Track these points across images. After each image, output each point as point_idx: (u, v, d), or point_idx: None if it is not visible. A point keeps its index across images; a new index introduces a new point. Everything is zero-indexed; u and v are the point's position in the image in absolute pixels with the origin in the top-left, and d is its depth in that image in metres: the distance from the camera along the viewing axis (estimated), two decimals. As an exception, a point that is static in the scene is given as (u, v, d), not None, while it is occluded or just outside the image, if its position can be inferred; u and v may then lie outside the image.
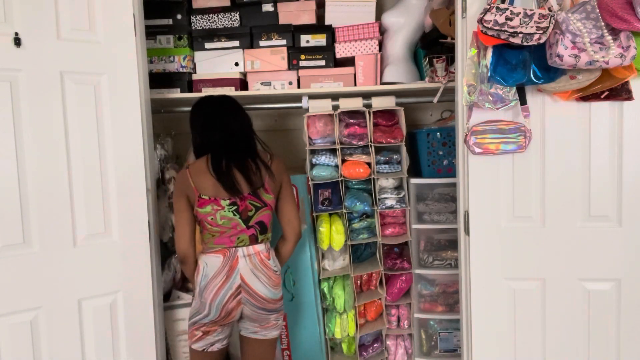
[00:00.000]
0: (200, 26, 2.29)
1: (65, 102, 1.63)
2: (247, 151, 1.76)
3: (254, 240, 1.72)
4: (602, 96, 1.53)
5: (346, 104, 2.21)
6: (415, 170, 2.38)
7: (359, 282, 2.34)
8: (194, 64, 2.31)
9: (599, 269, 1.62)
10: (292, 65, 2.29)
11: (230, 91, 2.24)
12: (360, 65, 2.25)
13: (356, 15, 2.26)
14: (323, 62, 2.29)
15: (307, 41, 2.28)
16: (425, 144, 2.22)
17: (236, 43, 2.28)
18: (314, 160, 2.26)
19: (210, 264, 1.70)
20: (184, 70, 2.27)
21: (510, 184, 1.63)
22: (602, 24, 1.31)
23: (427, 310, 2.31)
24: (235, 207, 1.69)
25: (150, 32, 2.18)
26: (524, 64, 1.44)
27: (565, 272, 1.63)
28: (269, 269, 1.73)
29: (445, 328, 2.32)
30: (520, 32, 1.35)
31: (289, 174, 1.86)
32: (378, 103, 2.21)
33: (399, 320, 2.36)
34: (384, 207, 2.23)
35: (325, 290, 2.27)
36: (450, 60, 2.10)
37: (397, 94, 2.27)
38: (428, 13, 2.13)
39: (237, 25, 2.30)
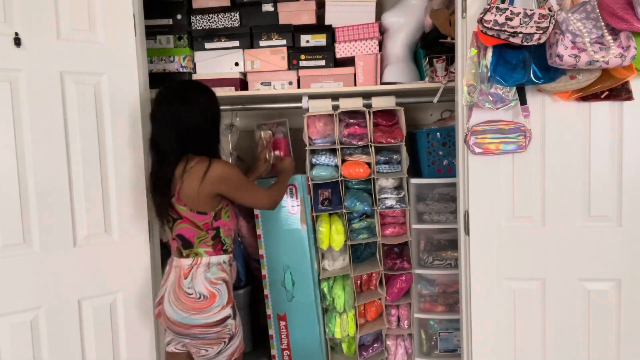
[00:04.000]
0: (200, 26, 2.29)
1: (65, 102, 1.63)
2: (170, 153, 1.58)
3: (179, 253, 1.63)
4: (602, 96, 1.53)
5: (346, 104, 2.21)
6: (415, 170, 2.38)
7: (359, 282, 2.34)
8: (194, 64, 2.31)
9: (599, 269, 1.62)
10: (292, 65, 2.29)
11: (230, 91, 2.24)
12: (360, 65, 2.25)
13: (356, 15, 2.26)
14: (323, 62, 2.29)
15: (307, 41, 2.28)
16: (425, 144, 2.22)
17: (236, 43, 2.28)
18: (314, 160, 2.26)
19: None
20: (184, 70, 2.27)
21: (510, 184, 1.63)
22: (602, 24, 1.31)
23: (427, 310, 2.31)
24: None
25: (150, 32, 2.18)
26: (524, 64, 1.44)
27: (565, 272, 1.63)
28: (180, 289, 1.57)
29: (445, 328, 2.31)
30: (520, 32, 1.35)
31: (229, 175, 1.59)
32: (378, 103, 2.21)
33: (399, 320, 2.36)
34: (384, 207, 2.23)
35: (325, 290, 2.27)
36: (450, 60, 2.10)
37: (397, 94, 2.27)
38: (428, 13, 2.13)
39: (237, 25, 2.30)
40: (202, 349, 1.59)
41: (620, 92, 1.52)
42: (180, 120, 1.57)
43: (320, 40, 2.28)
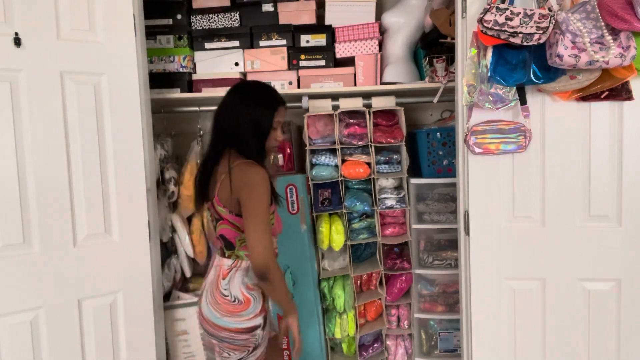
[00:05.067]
0: (200, 26, 2.29)
1: (65, 102, 1.63)
2: (214, 155, 1.58)
3: (222, 253, 1.61)
4: (602, 96, 1.53)
5: (346, 104, 2.21)
6: (415, 170, 2.38)
7: (359, 282, 2.34)
8: (194, 64, 2.31)
9: (599, 269, 1.62)
10: (292, 65, 2.29)
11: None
12: (360, 65, 2.25)
13: (356, 15, 2.26)
14: (323, 62, 2.29)
15: (307, 41, 2.28)
16: (425, 144, 2.22)
17: (236, 43, 2.29)
18: (314, 160, 2.26)
19: None
20: (184, 70, 2.27)
21: (510, 184, 1.63)
22: (602, 24, 1.31)
23: (427, 310, 2.31)
24: (209, 214, 1.64)
25: (150, 32, 2.18)
26: (524, 64, 1.44)
27: (565, 272, 1.63)
28: (216, 289, 1.56)
29: (445, 328, 2.32)
30: (520, 32, 1.35)
31: (254, 185, 1.46)
32: (378, 103, 2.21)
33: (399, 320, 2.36)
34: (384, 207, 2.23)
35: (325, 290, 2.27)
36: (450, 60, 2.10)
37: (397, 94, 2.27)
38: (428, 13, 2.13)
39: (237, 25, 2.30)
40: (224, 352, 1.58)
41: (620, 92, 1.52)
42: (233, 116, 1.55)
43: (320, 40, 2.28)
